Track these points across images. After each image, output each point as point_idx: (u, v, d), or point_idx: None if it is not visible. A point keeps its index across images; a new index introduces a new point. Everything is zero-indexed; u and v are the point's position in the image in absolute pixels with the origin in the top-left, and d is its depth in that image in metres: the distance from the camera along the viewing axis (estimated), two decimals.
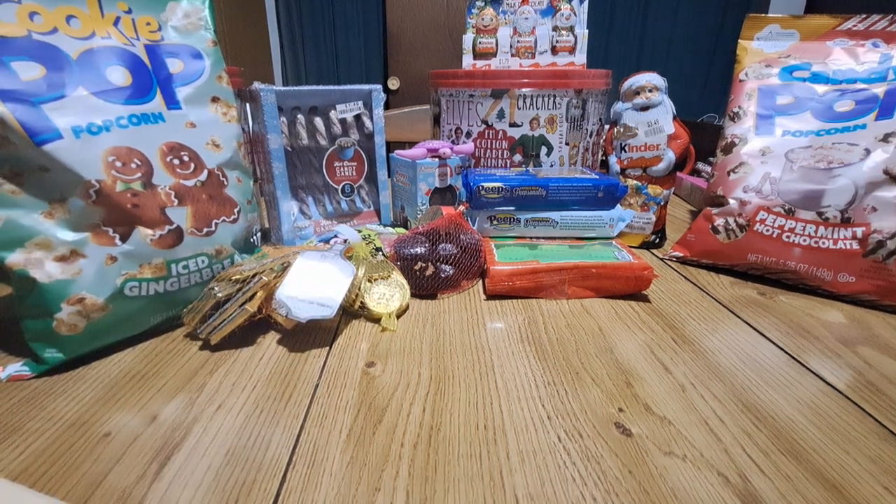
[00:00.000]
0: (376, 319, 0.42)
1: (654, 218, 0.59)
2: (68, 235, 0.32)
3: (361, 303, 0.42)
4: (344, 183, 0.60)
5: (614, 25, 1.96)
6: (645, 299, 0.46)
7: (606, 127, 0.64)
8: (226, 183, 0.40)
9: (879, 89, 0.47)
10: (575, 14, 0.66)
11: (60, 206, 0.32)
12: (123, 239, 0.34)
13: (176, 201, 0.36)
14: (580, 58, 0.68)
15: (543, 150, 0.66)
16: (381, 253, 0.51)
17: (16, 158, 0.31)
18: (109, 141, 0.33)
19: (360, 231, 0.55)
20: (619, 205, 0.54)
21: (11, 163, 0.31)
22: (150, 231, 0.35)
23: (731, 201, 0.50)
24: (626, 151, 0.59)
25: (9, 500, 0.20)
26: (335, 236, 0.51)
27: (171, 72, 0.39)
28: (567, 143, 0.66)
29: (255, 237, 0.46)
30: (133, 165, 0.34)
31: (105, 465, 0.26)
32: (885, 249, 0.42)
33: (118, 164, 0.34)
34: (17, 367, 0.33)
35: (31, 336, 0.33)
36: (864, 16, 0.50)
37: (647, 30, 1.96)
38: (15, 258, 0.31)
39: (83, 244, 0.33)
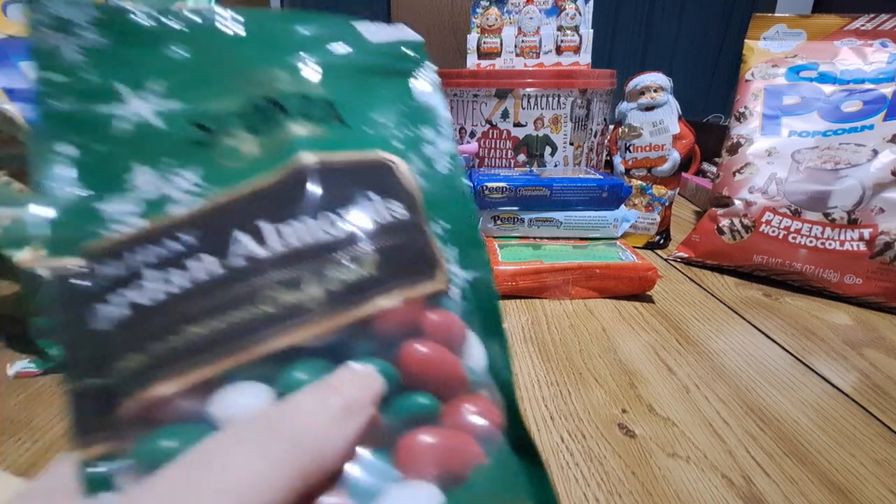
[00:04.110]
0: None
1: (658, 218, 0.58)
2: None
3: None
4: None
5: (619, 25, 1.95)
6: (649, 300, 0.46)
7: (611, 127, 0.63)
8: None
9: (887, 89, 0.46)
10: (580, 14, 0.66)
11: None
12: None
13: None
14: (585, 58, 0.68)
15: (547, 149, 0.66)
16: None
17: (24, 157, 0.31)
18: None
19: None
20: (623, 205, 0.54)
21: (19, 161, 0.31)
22: None
23: (737, 202, 0.50)
24: (630, 151, 0.58)
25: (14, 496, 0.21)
26: None
27: None
28: (571, 143, 0.66)
29: None
30: None
31: None
32: (893, 251, 0.42)
33: None
34: (24, 363, 0.34)
35: (38, 333, 0.33)
36: (872, 15, 0.50)
37: (652, 29, 1.95)
38: (23, 256, 0.31)
39: None
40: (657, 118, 0.56)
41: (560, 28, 0.67)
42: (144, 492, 0.09)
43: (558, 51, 0.67)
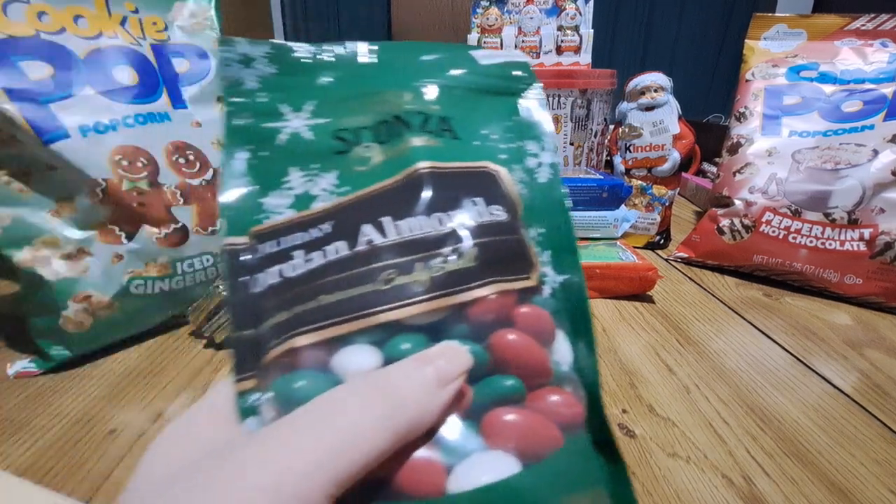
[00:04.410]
0: None
1: (658, 218, 0.58)
2: (75, 234, 0.32)
3: None
4: None
5: (619, 25, 1.95)
6: (649, 300, 0.46)
7: (611, 127, 0.63)
8: None
9: (888, 89, 0.46)
10: (580, 14, 0.66)
11: (67, 204, 0.32)
12: (129, 237, 0.34)
13: (181, 200, 0.37)
14: (585, 57, 0.68)
15: None
16: None
17: (24, 157, 0.31)
18: (116, 140, 0.34)
19: None
20: (623, 205, 0.54)
21: (19, 161, 0.31)
22: (155, 229, 0.35)
23: (737, 202, 0.50)
24: (630, 151, 0.58)
25: (15, 496, 0.21)
26: None
27: (177, 71, 0.39)
28: (571, 143, 0.66)
29: None
30: (139, 164, 0.35)
31: (110, 462, 0.26)
32: (893, 251, 0.42)
33: (124, 162, 0.34)
34: (24, 363, 0.34)
35: (38, 333, 0.33)
36: (872, 15, 0.50)
37: (652, 29, 1.95)
38: (23, 256, 0.31)
39: (90, 242, 0.33)
40: (657, 118, 0.56)
41: (560, 28, 0.67)
42: (279, 426, 0.12)
43: (558, 51, 0.67)
